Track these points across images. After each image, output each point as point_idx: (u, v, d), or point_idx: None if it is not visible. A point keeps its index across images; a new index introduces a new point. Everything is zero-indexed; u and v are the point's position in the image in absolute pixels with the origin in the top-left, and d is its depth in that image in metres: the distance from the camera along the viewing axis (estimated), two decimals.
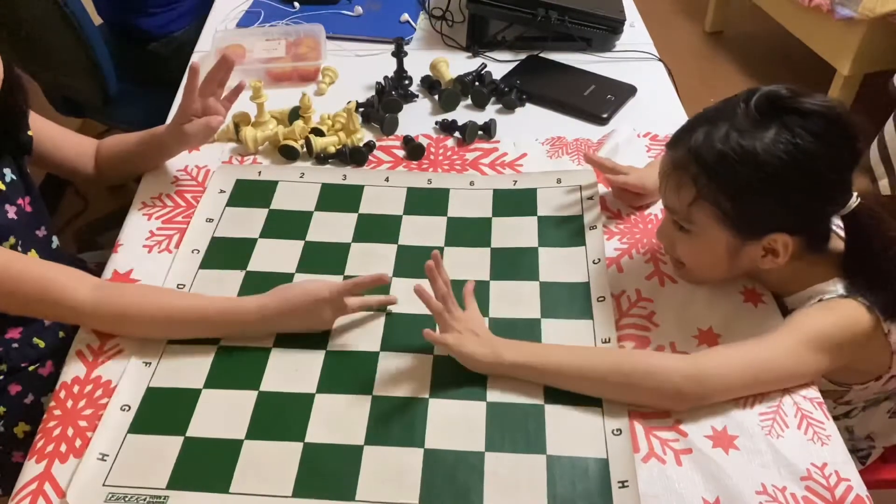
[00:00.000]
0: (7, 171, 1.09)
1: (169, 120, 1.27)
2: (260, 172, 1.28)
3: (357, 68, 1.54)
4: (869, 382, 1.01)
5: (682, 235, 0.99)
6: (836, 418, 0.91)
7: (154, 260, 1.12)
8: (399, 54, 1.46)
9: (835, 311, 0.94)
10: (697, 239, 0.97)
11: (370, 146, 1.32)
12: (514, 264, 1.11)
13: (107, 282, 1.06)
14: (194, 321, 0.99)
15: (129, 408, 0.92)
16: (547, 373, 0.93)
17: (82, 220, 2.36)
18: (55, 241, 1.17)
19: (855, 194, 0.93)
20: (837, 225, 0.99)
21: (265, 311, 0.98)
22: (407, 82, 1.48)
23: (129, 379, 0.95)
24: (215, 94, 1.17)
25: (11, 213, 1.07)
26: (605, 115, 1.39)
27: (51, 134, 1.19)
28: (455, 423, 0.90)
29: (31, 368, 1.11)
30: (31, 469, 0.87)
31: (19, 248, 1.07)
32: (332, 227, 1.17)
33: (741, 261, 0.98)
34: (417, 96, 1.46)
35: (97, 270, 1.13)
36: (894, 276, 0.94)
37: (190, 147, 1.24)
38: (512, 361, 0.93)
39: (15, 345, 1.10)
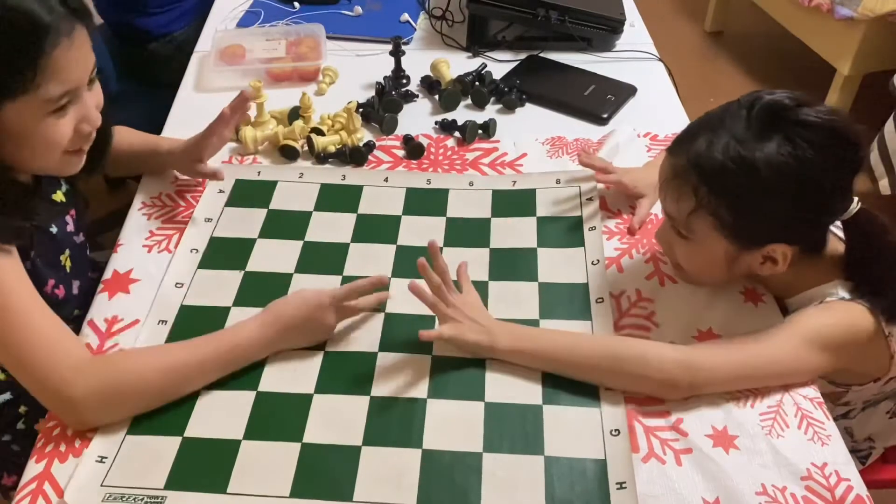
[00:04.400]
0: (61, 179, 1.09)
1: (170, 129, 1.27)
2: (259, 172, 1.28)
3: (357, 68, 1.54)
4: (867, 384, 1.01)
5: (680, 241, 0.99)
6: (834, 419, 0.91)
7: (154, 259, 1.12)
8: (397, 53, 1.46)
9: (836, 312, 0.93)
10: (696, 246, 0.97)
11: (370, 146, 1.32)
12: (513, 265, 1.10)
13: (92, 356, 0.95)
14: (200, 373, 0.92)
15: None
16: (541, 357, 0.94)
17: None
18: (87, 247, 1.17)
19: (856, 199, 0.93)
20: (836, 226, 0.99)
21: (266, 337, 0.95)
22: (405, 81, 1.48)
23: None
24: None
25: (71, 225, 1.08)
26: (605, 115, 1.39)
27: None
28: (453, 423, 0.90)
29: None
30: (31, 469, 0.87)
31: (70, 261, 1.07)
32: (331, 228, 1.17)
33: (739, 267, 0.98)
34: (417, 96, 1.46)
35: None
36: (894, 281, 0.94)
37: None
38: (508, 347, 0.94)
39: None
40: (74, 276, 1.09)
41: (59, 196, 1.07)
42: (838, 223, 0.97)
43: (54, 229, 1.05)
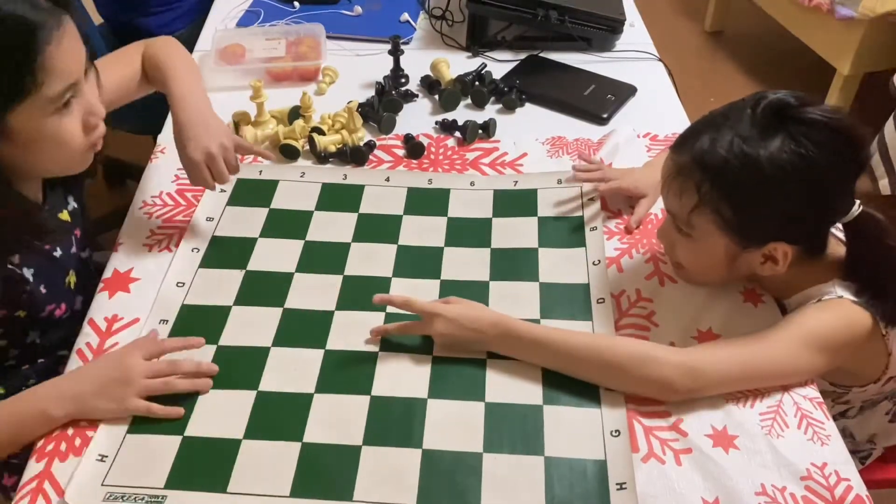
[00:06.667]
0: (70, 198, 1.09)
1: (170, 130, 1.26)
2: (261, 172, 1.28)
3: (357, 68, 1.54)
4: (868, 385, 1.01)
5: (681, 238, 0.99)
6: (833, 417, 0.91)
7: (154, 259, 1.12)
8: (396, 52, 1.46)
9: (833, 311, 0.94)
10: (697, 243, 0.97)
11: (370, 146, 1.32)
12: (514, 265, 1.10)
13: None
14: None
15: None
16: (534, 346, 0.94)
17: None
18: (92, 261, 1.16)
19: (857, 202, 0.93)
20: (837, 228, 0.99)
21: (60, 387, 0.91)
22: (403, 80, 1.48)
23: None
24: None
25: (75, 246, 1.08)
26: (605, 115, 1.39)
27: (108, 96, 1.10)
28: (453, 423, 0.90)
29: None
30: (32, 468, 0.87)
31: (75, 277, 1.07)
32: (333, 227, 1.17)
33: (740, 266, 0.98)
34: (417, 96, 1.46)
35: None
36: (894, 284, 0.94)
37: None
38: (507, 325, 0.94)
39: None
40: (80, 291, 1.09)
41: (65, 215, 1.06)
42: (839, 225, 0.97)
43: (58, 252, 1.04)
